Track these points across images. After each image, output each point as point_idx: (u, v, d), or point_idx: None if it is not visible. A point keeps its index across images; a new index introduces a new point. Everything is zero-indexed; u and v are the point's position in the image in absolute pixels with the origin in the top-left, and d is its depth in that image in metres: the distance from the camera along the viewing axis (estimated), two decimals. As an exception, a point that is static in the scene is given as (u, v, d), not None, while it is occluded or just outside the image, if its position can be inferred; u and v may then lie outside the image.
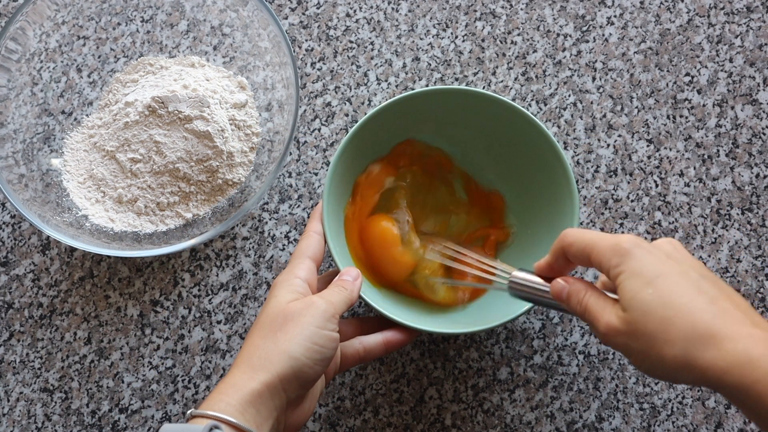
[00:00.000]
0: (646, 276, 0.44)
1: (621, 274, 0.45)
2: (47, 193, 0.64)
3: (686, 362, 0.42)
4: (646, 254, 0.45)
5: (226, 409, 0.46)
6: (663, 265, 0.45)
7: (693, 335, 0.42)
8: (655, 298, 0.44)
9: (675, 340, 0.42)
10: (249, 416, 0.46)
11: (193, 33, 0.70)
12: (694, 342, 0.42)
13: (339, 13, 0.71)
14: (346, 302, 0.53)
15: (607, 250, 0.47)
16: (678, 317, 0.43)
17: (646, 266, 0.45)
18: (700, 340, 0.42)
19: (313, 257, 0.56)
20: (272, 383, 0.48)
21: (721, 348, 0.41)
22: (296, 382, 0.49)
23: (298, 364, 0.48)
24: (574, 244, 0.49)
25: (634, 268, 0.45)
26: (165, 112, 0.63)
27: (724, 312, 0.43)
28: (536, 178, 0.62)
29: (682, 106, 0.69)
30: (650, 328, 0.43)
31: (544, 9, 0.71)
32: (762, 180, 0.67)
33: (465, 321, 0.60)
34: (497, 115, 0.61)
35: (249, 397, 0.47)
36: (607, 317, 0.46)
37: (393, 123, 0.61)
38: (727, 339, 0.41)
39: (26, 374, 0.65)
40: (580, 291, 0.48)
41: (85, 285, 0.66)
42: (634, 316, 0.44)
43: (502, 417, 0.63)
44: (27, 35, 0.64)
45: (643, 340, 0.44)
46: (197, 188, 0.64)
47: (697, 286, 0.44)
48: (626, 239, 0.46)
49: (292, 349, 0.48)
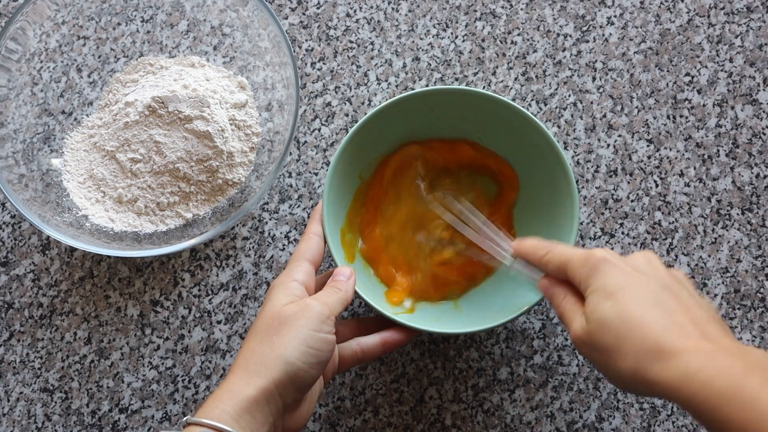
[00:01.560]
0: (608, 290, 0.46)
1: (588, 287, 0.47)
2: (47, 193, 0.64)
3: (638, 375, 0.43)
4: (611, 268, 0.47)
5: (221, 417, 0.46)
6: (626, 279, 0.46)
7: (643, 348, 0.43)
8: (612, 311, 0.45)
9: (628, 353, 0.43)
10: (244, 423, 0.46)
11: (193, 33, 0.70)
12: (644, 355, 0.43)
13: (339, 13, 0.71)
14: (341, 302, 0.53)
15: (579, 265, 0.48)
16: (631, 331, 0.44)
17: (609, 280, 0.46)
18: (648, 353, 0.43)
19: (312, 260, 0.55)
20: (268, 389, 0.48)
21: (667, 362, 0.42)
22: (292, 386, 0.49)
23: (293, 369, 0.48)
24: (551, 261, 0.51)
25: (600, 281, 0.46)
26: (165, 112, 0.63)
27: (675, 325, 0.43)
28: (536, 178, 0.62)
29: (682, 106, 0.69)
30: (606, 340, 0.44)
31: (544, 9, 0.71)
32: (762, 180, 0.67)
33: (465, 321, 0.60)
34: (497, 115, 0.61)
35: (244, 403, 0.47)
36: (575, 326, 0.47)
37: (393, 123, 0.61)
38: (672, 353, 0.42)
39: (26, 374, 0.65)
40: (559, 295, 0.50)
41: (85, 285, 0.66)
42: (593, 328, 0.45)
43: (502, 417, 0.63)
44: (27, 35, 0.64)
45: (601, 352, 0.45)
46: (197, 188, 0.64)
47: (655, 298, 0.45)
48: (597, 254, 0.48)
49: (287, 353, 0.48)
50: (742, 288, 0.66)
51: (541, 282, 0.52)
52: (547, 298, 0.52)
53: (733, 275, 0.66)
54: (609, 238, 0.67)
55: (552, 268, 0.51)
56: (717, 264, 0.66)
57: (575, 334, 0.47)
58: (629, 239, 0.66)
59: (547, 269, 0.52)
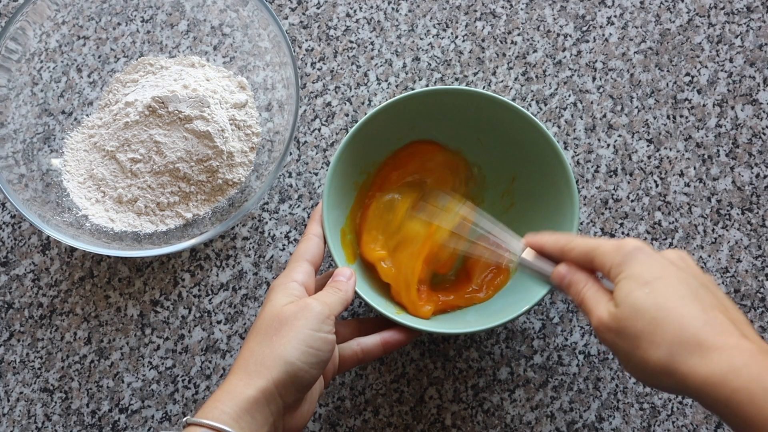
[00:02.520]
0: (644, 278, 0.45)
1: (621, 274, 0.46)
2: (47, 193, 0.64)
3: (669, 367, 0.42)
4: (648, 258, 0.46)
5: (220, 417, 0.46)
6: (663, 270, 0.45)
7: (679, 340, 0.42)
8: (649, 298, 0.44)
9: (661, 343, 0.42)
10: (244, 423, 0.46)
11: (193, 33, 0.70)
12: (679, 347, 0.42)
13: (339, 13, 0.71)
14: (341, 302, 0.53)
15: (611, 251, 0.47)
16: (668, 320, 0.43)
17: (646, 269, 0.45)
18: (685, 346, 0.42)
19: (311, 260, 0.55)
20: (268, 389, 0.47)
21: (705, 356, 0.41)
22: (292, 386, 0.49)
23: (293, 369, 0.48)
24: (576, 248, 0.50)
25: (635, 269, 0.45)
26: (165, 112, 0.63)
27: (715, 321, 0.43)
28: (536, 178, 0.62)
29: (682, 106, 0.69)
30: (639, 327, 0.43)
31: (544, 9, 0.71)
32: (762, 180, 0.67)
33: (465, 321, 0.60)
34: (497, 116, 0.61)
35: (244, 404, 0.47)
36: (600, 311, 0.46)
37: (393, 123, 0.61)
38: (712, 348, 0.41)
39: (26, 374, 0.65)
40: (580, 282, 0.49)
41: (85, 285, 0.66)
42: (624, 313, 0.44)
43: (502, 417, 0.63)
44: (27, 35, 0.64)
45: (630, 339, 0.44)
46: (197, 188, 0.64)
47: (694, 292, 0.44)
48: (631, 242, 0.47)
49: (287, 353, 0.48)
50: (742, 288, 0.66)
51: (557, 270, 0.51)
52: (563, 287, 0.50)
53: (733, 275, 0.66)
54: (609, 238, 0.67)
55: (576, 254, 0.49)
56: (717, 264, 0.66)
57: (600, 318, 0.45)
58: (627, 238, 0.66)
59: (570, 256, 0.50)
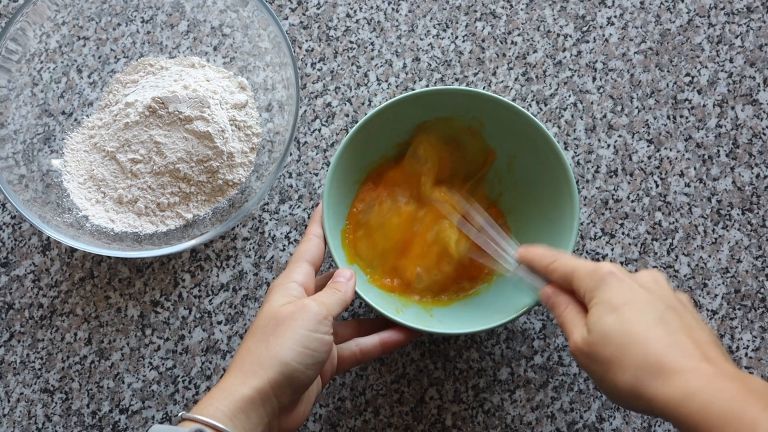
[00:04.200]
0: (614, 303, 0.46)
1: (593, 299, 0.47)
2: (47, 193, 0.64)
3: (636, 390, 0.43)
4: (618, 282, 0.47)
5: (215, 414, 0.46)
6: (632, 294, 0.47)
7: (644, 364, 0.43)
8: (616, 324, 0.45)
9: (628, 367, 0.44)
10: (238, 422, 0.47)
11: (193, 33, 0.70)
12: (643, 371, 0.43)
13: (339, 14, 0.71)
14: (340, 303, 0.53)
15: (586, 276, 0.49)
16: (633, 345, 0.44)
17: (616, 294, 0.47)
18: (649, 370, 0.43)
19: (312, 261, 0.55)
20: (263, 389, 0.48)
21: (666, 380, 0.42)
22: (288, 387, 0.49)
23: (289, 369, 0.48)
24: (558, 269, 0.52)
25: (605, 294, 0.47)
26: (165, 113, 0.63)
27: (678, 344, 0.44)
28: (536, 178, 0.62)
29: (682, 107, 0.69)
30: (608, 352, 0.45)
31: (545, 9, 0.71)
32: (762, 180, 0.67)
33: (465, 321, 0.60)
34: (497, 116, 0.61)
35: (239, 403, 0.47)
36: (576, 336, 0.47)
37: (393, 123, 0.61)
38: (673, 372, 0.42)
39: (27, 375, 0.65)
40: (561, 304, 0.51)
41: (85, 286, 0.66)
42: (595, 339, 0.46)
43: (503, 417, 0.63)
44: (27, 36, 0.64)
45: (601, 364, 0.45)
46: (197, 189, 0.64)
47: (659, 316, 0.45)
48: (604, 267, 0.48)
49: (283, 354, 0.48)
50: (743, 288, 0.66)
51: (544, 290, 0.53)
52: (549, 307, 0.52)
53: (734, 275, 0.66)
54: (609, 238, 0.67)
55: (557, 276, 0.51)
56: (717, 264, 0.66)
57: (575, 344, 0.47)
58: (629, 239, 0.66)
59: (552, 277, 0.52)
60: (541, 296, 0.53)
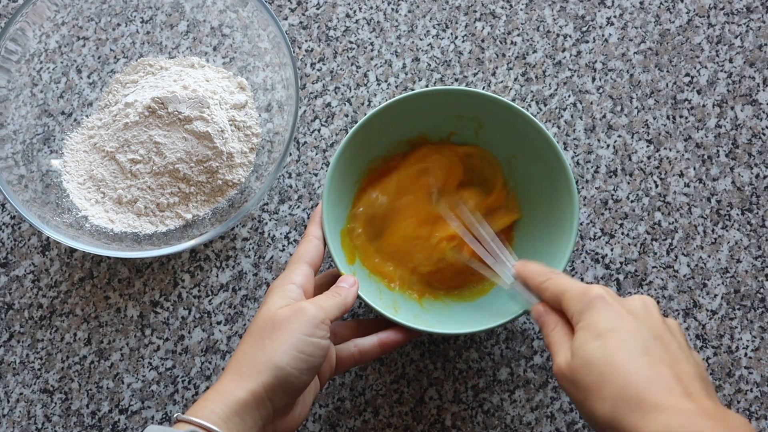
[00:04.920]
0: (599, 329, 0.46)
1: (580, 323, 0.47)
2: (47, 194, 0.64)
3: (613, 422, 0.43)
4: (606, 308, 0.47)
5: (209, 417, 0.46)
6: (618, 321, 0.46)
7: (623, 396, 0.43)
8: (599, 351, 0.45)
9: (606, 398, 0.43)
10: (232, 425, 0.47)
11: (192, 34, 0.70)
12: (622, 403, 0.42)
13: (339, 14, 0.71)
14: (339, 307, 0.52)
15: (575, 298, 0.48)
16: (614, 375, 0.43)
17: (602, 319, 0.46)
18: (628, 402, 0.42)
19: (311, 262, 0.55)
20: (258, 392, 0.48)
21: (645, 415, 0.41)
22: (282, 391, 0.48)
23: (283, 374, 0.48)
24: (549, 288, 0.51)
25: (592, 318, 0.46)
26: (165, 113, 0.63)
27: (659, 378, 0.43)
28: (536, 178, 0.62)
29: (681, 107, 0.69)
30: (588, 380, 0.44)
31: (544, 9, 0.71)
32: (762, 180, 0.67)
33: (465, 321, 0.60)
34: (497, 116, 0.61)
35: (234, 405, 0.47)
36: (560, 359, 0.47)
37: (393, 123, 0.61)
38: (652, 407, 0.42)
39: (26, 375, 0.65)
40: (549, 324, 0.50)
41: (85, 286, 0.66)
42: (577, 365, 0.45)
43: (502, 418, 0.63)
44: (27, 36, 0.64)
45: (581, 391, 0.45)
46: (197, 189, 0.64)
47: (643, 346, 0.45)
48: (594, 290, 0.48)
49: (278, 358, 0.48)
50: (742, 288, 0.66)
51: (535, 308, 0.53)
52: (539, 325, 0.52)
53: (733, 276, 0.66)
54: (609, 238, 0.67)
55: (548, 295, 0.51)
56: (717, 264, 0.66)
57: (558, 366, 0.47)
58: (629, 240, 0.66)
59: (543, 296, 0.52)
60: (533, 313, 0.53)
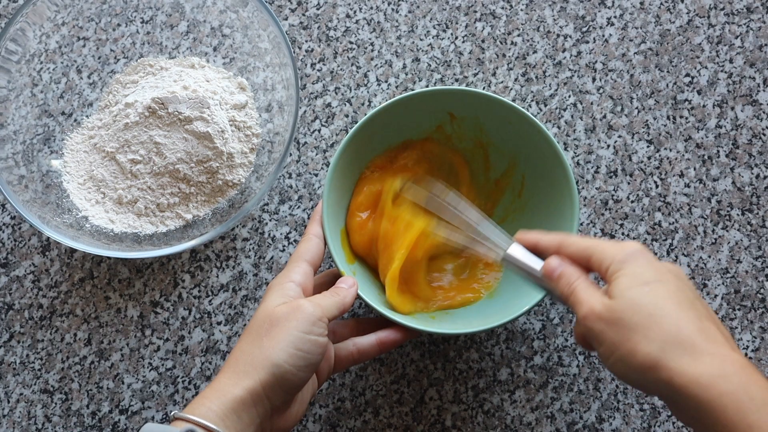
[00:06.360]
0: (645, 278, 0.46)
1: (619, 271, 0.46)
2: (47, 194, 0.64)
3: (658, 362, 0.43)
4: (648, 262, 0.47)
5: (206, 414, 0.46)
6: (663, 275, 0.46)
7: (674, 339, 0.43)
8: (648, 296, 0.45)
9: (655, 339, 0.43)
10: (230, 422, 0.47)
11: (193, 34, 0.70)
12: (672, 345, 0.43)
13: (339, 14, 0.71)
14: (337, 306, 0.52)
15: (611, 249, 0.48)
16: (665, 318, 0.44)
17: (647, 271, 0.46)
18: (679, 345, 0.43)
19: (311, 261, 0.55)
20: (255, 390, 0.48)
21: (697, 358, 0.42)
22: (279, 389, 0.49)
23: (280, 371, 0.48)
24: (574, 244, 0.50)
25: (635, 269, 0.46)
26: (165, 113, 0.63)
27: (709, 331, 0.44)
28: (536, 178, 0.62)
29: (682, 107, 0.69)
30: (635, 320, 0.44)
31: (544, 10, 0.71)
32: (762, 181, 0.67)
33: (465, 321, 0.60)
34: (497, 116, 0.61)
35: (231, 403, 0.47)
36: (593, 301, 0.46)
37: (393, 124, 0.61)
38: (705, 352, 0.42)
39: (26, 375, 0.65)
40: (572, 275, 0.49)
41: (85, 286, 0.66)
42: (621, 305, 0.45)
43: (503, 418, 0.63)
44: (27, 36, 0.64)
45: (622, 331, 0.44)
46: (197, 189, 0.64)
47: (690, 301, 0.45)
48: (634, 244, 0.48)
49: (275, 355, 0.48)
50: (743, 289, 0.66)
51: (550, 261, 0.50)
52: (553, 279, 0.50)
53: (734, 276, 0.66)
54: (609, 239, 0.67)
55: (574, 249, 0.50)
56: (717, 265, 0.66)
57: (592, 307, 0.46)
58: (629, 240, 0.66)
59: (567, 251, 0.50)
60: (546, 269, 0.50)
